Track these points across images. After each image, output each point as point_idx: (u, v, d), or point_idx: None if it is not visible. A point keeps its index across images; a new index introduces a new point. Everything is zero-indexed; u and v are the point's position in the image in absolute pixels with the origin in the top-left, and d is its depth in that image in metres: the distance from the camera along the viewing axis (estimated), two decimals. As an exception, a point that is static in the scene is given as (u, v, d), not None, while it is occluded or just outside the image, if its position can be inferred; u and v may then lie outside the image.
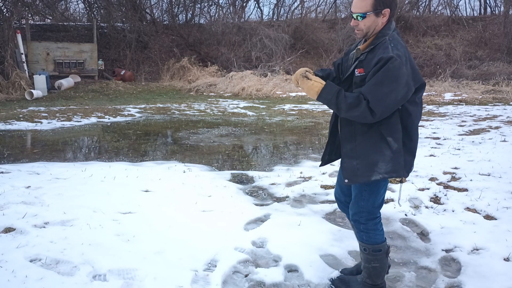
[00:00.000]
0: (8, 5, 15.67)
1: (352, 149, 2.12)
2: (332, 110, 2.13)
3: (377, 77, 1.95)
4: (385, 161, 2.08)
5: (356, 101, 1.97)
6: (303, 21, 20.56)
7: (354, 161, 2.11)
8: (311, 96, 2.09)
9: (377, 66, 1.96)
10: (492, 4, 23.64)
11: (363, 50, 2.09)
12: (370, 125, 2.05)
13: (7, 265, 2.53)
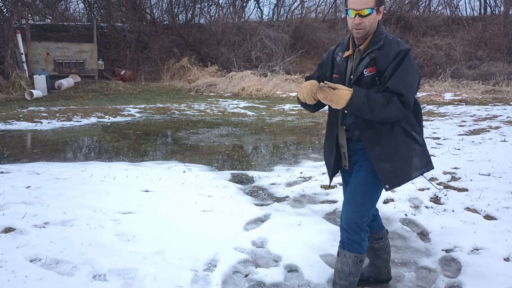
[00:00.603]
0: (8, 5, 15.67)
1: (381, 152, 2.03)
2: (363, 115, 1.96)
3: (403, 70, 1.92)
4: (417, 156, 2.07)
5: (387, 98, 1.90)
6: (303, 21, 20.55)
7: (386, 164, 2.02)
8: (339, 106, 1.90)
9: (398, 59, 1.94)
10: (492, 4, 23.65)
11: (366, 49, 2.02)
12: (392, 124, 2.01)
13: (7, 265, 2.53)
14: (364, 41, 2.03)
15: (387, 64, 1.95)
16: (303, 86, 1.98)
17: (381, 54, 1.97)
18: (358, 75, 2.02)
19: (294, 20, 21.15)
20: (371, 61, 1.98)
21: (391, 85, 1.93)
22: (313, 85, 1.94)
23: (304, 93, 1.97)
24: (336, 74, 2.12)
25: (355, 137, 2.13)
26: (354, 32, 1.99)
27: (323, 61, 2.22)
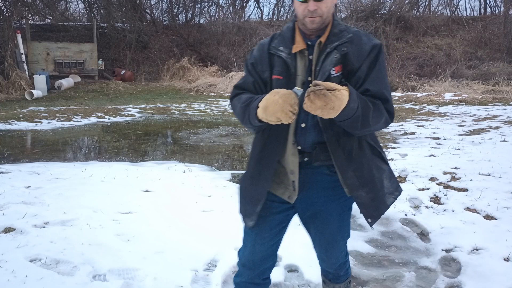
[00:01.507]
0: (8, 5, 15.68)
1: (353, 177, 1.59)
2: (350, 126, 1.47)
3: (380, 69, 1.55)
4: (387, 177, 1.69)
5: (372, 103, 1.49)
6: (303, 21, 20.52)
7: (362, 191, 1.61)
8: (335, 113, 1.38)
9: (372, 56, 1.54)
10: (492, 4, 23.67)
11: (330, 42, 1.54)
12: (359, 140, 1.60)
13: (7, 265, 2.53)
14: (321, 33, 1.55)
15: (360, 61, 1.52)
16: (271, 103, 1.39)
17: (353, 49, 1.53)
18: (326, 75, 1.51)
19: (294, 20, 21.11)
20: (341, 58, 1.52)
21: (373, 88, 1.52)
22: (288, 96, 1.38)
23: (278, 112, 1.37)
24: (277, 75, 1.57)
25: (318, 162, 1.60)
26: (308, 21, 1.51)
27: (256, 59, 1.64)
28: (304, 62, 1.56)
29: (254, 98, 1.53)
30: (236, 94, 1.68)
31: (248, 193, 1.69)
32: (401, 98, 13.45)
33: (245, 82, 1.66)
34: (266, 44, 1.64)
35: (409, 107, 11.71)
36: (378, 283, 2.51)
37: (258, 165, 1.64)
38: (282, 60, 1.57)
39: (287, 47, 1.58)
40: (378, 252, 2.92)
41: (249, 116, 1.52)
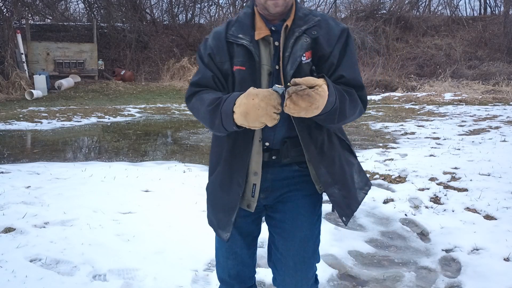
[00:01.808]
0: (8, 5, 15.67)
1: (326, 174, 1.45)
2: (326, 120, 1.32)
3: (351, 55, 1.43)
4: (356, 171, 1.56)
5: (347, 92, 1.37)
6: (303, 21, 20.53)
7: (335, 188, 1.47)
8: (318, 111, 1.23)
9: (343, 41, 1.42)
10: (492, 4, 23.66)
11: (297, 26, 1.39)
12: (328, 133, 1.45)
13: (7, 265, 2.53)
14: (285, 17, 1.41)
15: (331, 46, 1.39)
16: (252, 108, 1.20)
17: (323, 33, 1.40)
18: (298, 62, 1.35)
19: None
20: (312, 42, 1.38)
21: (347, 74, 1.40)
22: (270, 97, 1.20)
23: (262, 117, 1.20)
24: (240, 66, 1.39)
25: (288, 159, 1.45)
26: (270, 4, 1.35)
27: (213, 49, 1.44)
28: (269, 49, 1.40)
29: (221, 100, 1.31)
30: (194, 92, 1.45)
31: (219, 201, 1.51)
32: (401, 98, 13.45)
33: (203, 78, 1.44)
34: (222, 32, 1.43)
35: (409, 107, 11.71)
36: (378, 283, 2.51)
37: (229, 169, 1.44)
38: (243, 49, 1.39)
39: (247, 34, 1.40)
40: (378, 252, 2.92)
41: (222, 121, 1.29)
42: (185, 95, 1.51)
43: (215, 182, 1.53)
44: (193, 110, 1.47)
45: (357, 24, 18.65)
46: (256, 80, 1.38)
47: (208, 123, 1.37)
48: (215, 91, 1.42)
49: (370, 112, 10.57)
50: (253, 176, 1.45)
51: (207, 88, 1.44)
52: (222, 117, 1.29)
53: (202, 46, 1.49)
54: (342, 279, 2.54)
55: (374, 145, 6.43)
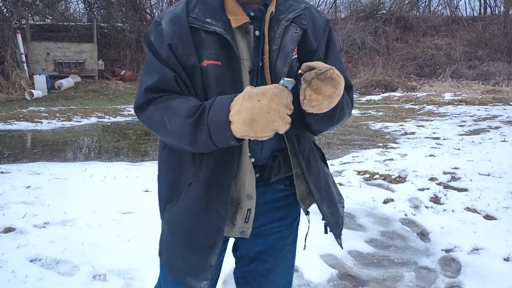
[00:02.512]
0: (8, 5, 15.68)
1: (315, 188, 1.22)
2: (327, 120, 1.11)
3: (337, 50, 1.26)
4: (333, 183, 1.34)
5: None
6: (303, 21, 20.54)
7: (324, 205, 1.24)
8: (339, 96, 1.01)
9: (327, 34, 1.23)
10: (492, 4, 23.68)
11: (282, 13, 1.15)
12: (308, 139, 1.24)
13: (7, 265, 2.53)
14: (267, 1, 1.15)
15: (317, 40, 1.19)
16: (260, 112, 0.90)
17: (310, 25, 1.19)
18: (289, 58, 1.13)
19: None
20: (304, 36, 1.16)
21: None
22: (282, 96, 0.91)
23: (274, 121, 0.91)
24: (214, 60, 1.07)
25: (277, 177, 1.21)
26: None
27: (172, 39, 1.07)
28: (248, 40, 1.11)
29: (204, 108, 0.97)
30: (150, 100, 1.07)
31: (190, 240, 1.13)
32: (401, 98, 13.45)
33: (163, 80, 1.06)
34: (182, 15, 1.09)
35: (409, 107, 11.71)
36: (378, 283, 2.51)
37: (204, 195, 1.09)
38: (216, 38, 1.07)
39: (218, 19, 1.08)
40: (378, 252, 2.92)
41: (211, 137, 0.96)
42: (136, 104, 1.10)
43: (181, 213, 1.14)
44: (152, 124, 1.08)
45: (357, 24, 18.66)
46: (236, 78, 1.07)
47: (187, 140, 1.00)
48: (185, 96, 1.06)
49: (370, 112, 10.57)
50: (247, 200, 1.13)
51: (168, 93, 1.06)
52: (212, 131, 0.95)
53: (153, 34, 1.10)
54: (342, 279, 2.54)
55: (374, 145, 6.43)
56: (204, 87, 1.09)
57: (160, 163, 1.25)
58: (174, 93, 1.07)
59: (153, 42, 1.10)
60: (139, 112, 1.11)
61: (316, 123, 1.12)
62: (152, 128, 1.11)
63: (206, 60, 1.07)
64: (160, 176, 1.25)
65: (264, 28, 1.12)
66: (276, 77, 1.11)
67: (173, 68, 1.07)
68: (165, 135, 1.07)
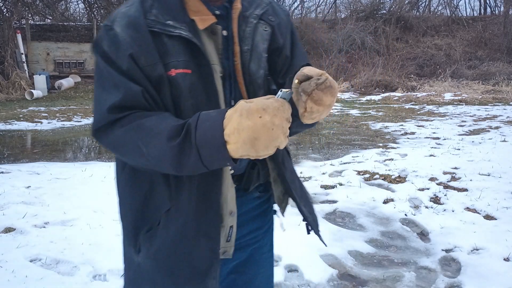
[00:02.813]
0: (8, 5, 15.68)
1: (292, 189, 1.17)
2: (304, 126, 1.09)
3: (300, 44, 1.20)
4: (301, 182, 1.28)
5: None
6: (303, 21, 20.57)
7: (302, 205, 1.21)
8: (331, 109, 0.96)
9: (290, 28, 1.16)
10: (492, 4, 23.68)
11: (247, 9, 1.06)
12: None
13: (7, 265, 2.54)
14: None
15: (283, 36, 1.13)
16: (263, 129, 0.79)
17: (278, 21, 1.12)
18: (264, 58, 1.07)
19: (294, 20, 21.16)
20: (274, 32, 1.09)
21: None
22: (283, 109, 0.82)
23: (278, 138, 0.82)
24: (184, 68, 0.94)
25: (257, 183, 1.16)
26: None
27: (132, 47, 0.92)
28: (215, 42, 0.99)
29: (189, 127, 0.85)
30: (118, 120, 0.91)
31: (183, 268, 0.99)
32: (401, 98, 13.46)
33: (129, 96, 0.91)
34: (139, 17, 0.94)
35: (409, 107, 11.72)
36: (378, 283, 2.51)
37: (194, 219, 0.98)
38: (182, 42, 0.94)
39: (180, 20, 0.95)
40: (378, 252, 2.92)
41: (201, 160, 0.84)
42: (96, 125, 0.94)
43: (170, 243, 0.99)
44: (121, 149, 0.93)
45: (357, 24, 18.67)
46: (209, 86, 0.96)
47: (171, 165, 0.86)
48: (158, 113, 0.92)
49: (370, 112, 10.57)
50: (229, 217, 1.03)
51: (136, 111, 0.91)
52: (203, 153, 0.83)
53: (106, 41, 0.94)
54: (342, 279, 2.54)
55: (374, 145, 6.43)
56: (174, 99, 0.95)
57: (120, 187, 1.06)
58: (142, 109, 0.92)
59: (108, 51, 0.93)
60: (100, 135, 0.94)
61: (295, 128, 1.05)
62: (120, 153, 0.95)
63: (173, 69, 0.94)
64: (122, 203, 1.07)
65: (232, 27, 1.03)
66: (250, 81, 1.04)
67: (139, 81, 0.91)
68: (138, 160, 0.92)
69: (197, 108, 0.93)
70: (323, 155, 5.85)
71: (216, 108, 0.94)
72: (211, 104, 0.95)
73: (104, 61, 0.93)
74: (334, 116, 9.67)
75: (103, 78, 0.94)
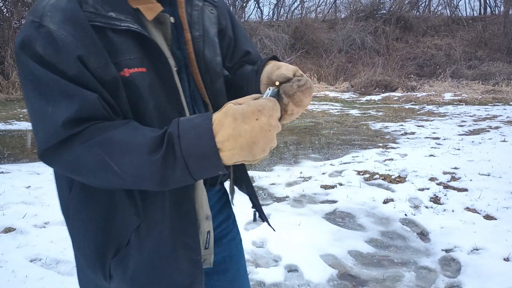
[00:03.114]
0: (8, 5, 15.69)
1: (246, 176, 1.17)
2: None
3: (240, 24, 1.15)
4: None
5: None
6: (303, 21, 20.58)
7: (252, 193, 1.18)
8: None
9: (227, 9, 1.11)
10: (492, 4, 23.68)
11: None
12: None
13: (7, 265, 2.54)
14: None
15: (225, 18, 1.08)
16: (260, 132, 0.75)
17: (219, 1, 1.08)
18: (216, 44, 1.01)
19: (294, 20, 21.17)
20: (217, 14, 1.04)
21: (253, 50, 1.13)
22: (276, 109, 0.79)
23: (273, 140, 0.79)
24: (138, 67, 0.83)
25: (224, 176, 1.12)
26: None
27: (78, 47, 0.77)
28: (163, 32, 0.89)
29: (168, 137, 0.75)
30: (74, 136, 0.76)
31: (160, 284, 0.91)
32: (401, 98, 13.46)
33: (87, 106, 0.76)
34: (75, 10, 0.79)
35: (409, 107, 11.72)
36: (378, 283, 2.51)
37: (170, 232, 0.88)
38: (132, 37, 0.82)
39: (124, 11, 0.83)
40: (378, 252, 2.92)
41: (189, 171, 0.74)
42: (45, 145, 0.77)
43: (147, 263, 0.89)
44: (83, 169, 0.78)
45: (357, 24, 18.68)
46: (167, 84, 0.86)
47: (153, 181, 0.76)
48: (124, 122, 0.80)
49: (370, 112, 10.58)
50: (205, 222, 0.95)
51: (95, 122, 0.77)
52: (191, 164, 0.74)
53: (39, 41, 0.76)
54: (342, 279, 2.55)
55: (374, 145, 6.43)
56: (132, 104, 0.83)
57: (72, 212, 0.91)
58: (101, 119, 0.78)
59: (43, 54, 0.76)
60: (52, 156, 0.78)
61: None
62: (81, 174, 0.79)
63: (126, 69, 0.81)
64: (76, 229, 0.92)
65: (179, 13, 0.94)
66: (207, 70, 0.97)
67: (90, 87, 0.77)
68: (107, 180, 0.78)
69: (159, 111, 0.84)
70: (323, 155, 5.86)
71: (178, 107, 0.87)
72: (173, 103, 0.87)
73: (42, 66, 0.76)
74: (334, 116, 9.67)
75: (44, 87, 0.76)
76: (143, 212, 0.87)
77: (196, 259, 0.92)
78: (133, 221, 0.87)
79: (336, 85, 16.26)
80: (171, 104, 0.86)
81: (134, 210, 0.87)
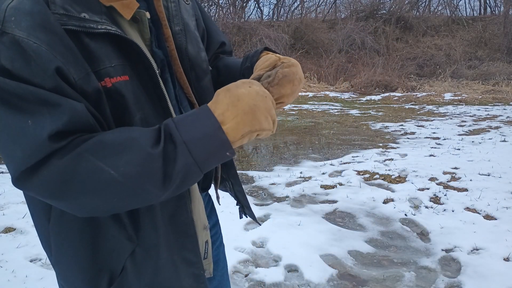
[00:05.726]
0: (8, 5, 15.70)
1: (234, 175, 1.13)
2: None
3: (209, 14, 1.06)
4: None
5: None
6: (303, 21, 20.58)
7: (237, 190, 1.15)
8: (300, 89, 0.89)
9: (198, 1, 1.07)
10: (492, 4, 23.68)
11: None
12: None
13: (7, 265, 2.54)
14: None
15: (196, 8, 1.04)
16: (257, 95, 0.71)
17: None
18: (198, 37, 0.96)
19: (294, 20, 21.17)
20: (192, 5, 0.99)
21: (226, 40, 1.11)
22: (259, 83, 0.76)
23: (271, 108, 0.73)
24: (120, 75, 0.73)
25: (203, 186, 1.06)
26: None
27: (56, 57, 0.65)
28: (140, 31, 0.80)
29: (165, 127, 0.70)
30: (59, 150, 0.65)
31: None
32: (401, 98, 13.46)
33: (77, 117, 0.67)
34: (44, 12, 0.67)
35: (409, 107, 11.72)
36: (378, 283, 2.51)
37: (168, 251, 0.83)
38: (110, 41, 0.72)
39: (97, 12, 0.72)
40: (378, 252, 2.92)
41: (193, 156, 0.68)
42: (24, 165, 0.65)
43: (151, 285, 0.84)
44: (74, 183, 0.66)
45: (357, 24, 18.69)
46: (153, 93, 0.78)
47: (156, 179, 0.68)
48: (114, 129, 0.72)
49: (370, 112, 10.58)
50: (203, 232, 0.90)
51: (80, 135, 0.68)
52: (195, 149, 0.68)
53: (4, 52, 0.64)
54: (342, 279, 2.55)
55: (374, 145, 6.43)
56: (116, 116, 0.74)
57: (54, 244, 0.81)
58: (88, 132, 0.69)
59: (12, 68, 0.64)
60: (30, 177, 0.66)
61: None
62: (66, 195, 0.67)
63: (108, 78, 0.72)
64: (61, 261, 0.83)
65: (156, 7, 0.85)
66: (192, 67, 0.90)
67: (76, 98, 0.68)
68: (97, 196, 0.67)
69: (146, 122, 0.76)
70: (323, 155, 5.86)
71: (166, 115, 0.78)
72: (160, 112, 0.78)
73: (12, 79, 0.64)
74: (334, 116, 9.67)
75: (17, 100, 0.64)
76: (135, 234, 0.79)
77: (199, 273, 0.87)
78: (125, 246, 0.79)
79: (336, 85, 16.26)
80: (158, 113, 0.78)
81: (125, 234, 0.79)
